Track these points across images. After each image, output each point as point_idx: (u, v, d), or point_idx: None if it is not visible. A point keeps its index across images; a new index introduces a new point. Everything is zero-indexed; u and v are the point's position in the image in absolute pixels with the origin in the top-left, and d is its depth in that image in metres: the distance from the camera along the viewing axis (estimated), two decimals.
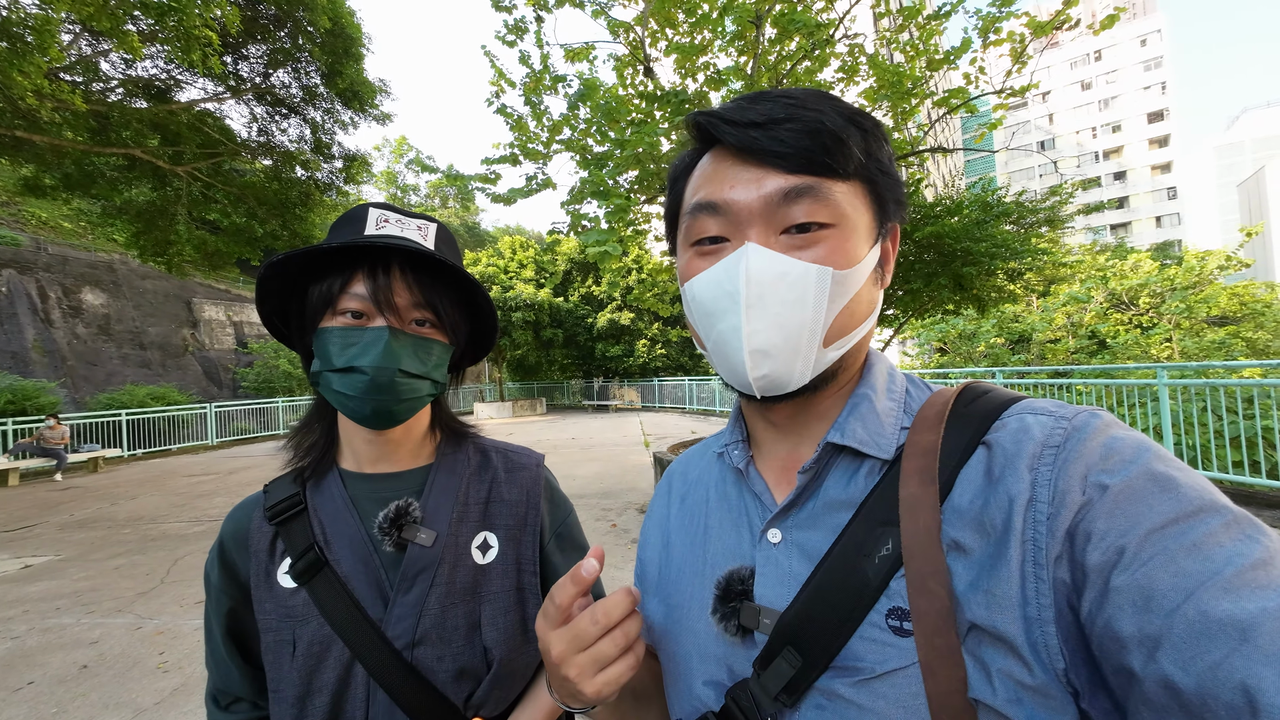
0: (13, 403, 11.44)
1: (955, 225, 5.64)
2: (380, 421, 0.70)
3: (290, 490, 0.74)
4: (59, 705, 2.65)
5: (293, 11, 9.02)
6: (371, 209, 0.71)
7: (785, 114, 0.42)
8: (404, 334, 0.68)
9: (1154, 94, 61.05)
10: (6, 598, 4.12)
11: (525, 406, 21.98)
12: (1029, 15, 5.30)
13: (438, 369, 0.73)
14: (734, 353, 0.44)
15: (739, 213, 0.44)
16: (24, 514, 7.14)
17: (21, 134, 7.98)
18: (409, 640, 0.68)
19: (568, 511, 0.88)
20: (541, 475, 0.85)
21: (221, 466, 10.68)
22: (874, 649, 0.40)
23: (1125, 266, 14.70)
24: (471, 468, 0.81)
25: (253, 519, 0.73)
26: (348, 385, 0.67)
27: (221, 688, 0.72)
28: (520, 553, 0.78)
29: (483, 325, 0.81)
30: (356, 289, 0.67)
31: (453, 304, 0.74)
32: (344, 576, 0.69)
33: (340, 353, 0.66)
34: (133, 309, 18.73)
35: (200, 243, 10.74)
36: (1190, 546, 0.31)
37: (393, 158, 44.92)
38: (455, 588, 0.72)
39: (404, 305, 0.68)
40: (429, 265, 0.71)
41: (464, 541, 0.75)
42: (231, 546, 0.73)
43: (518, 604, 0.75)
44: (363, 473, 0.76)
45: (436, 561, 0.71)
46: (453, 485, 0.77)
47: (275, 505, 0.72)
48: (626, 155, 4.72)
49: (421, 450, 0.80)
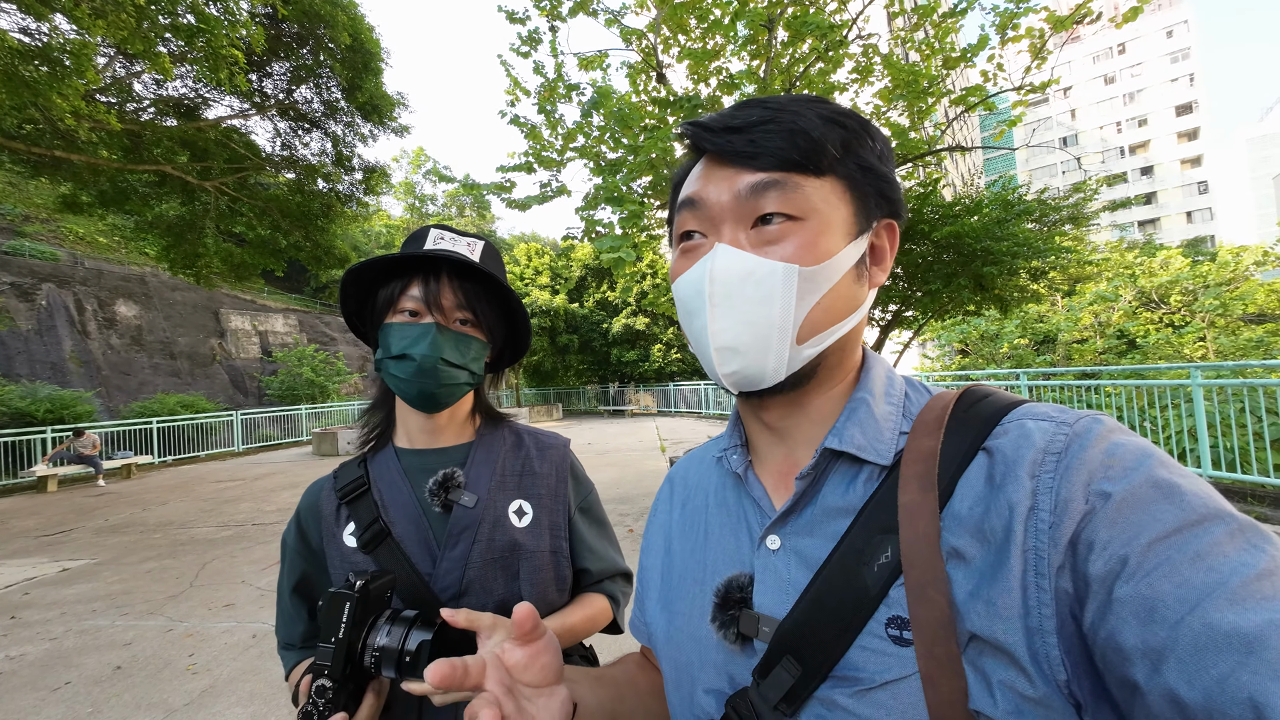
0: (51, 411, 11.90)
1: (975, 224, 5.53)
2: (426, 404, 0.83)
3: (356, 474, 0.87)
4: (94, 705, 2.74)
5: (314, 29, 9.29)
6: (432, 229, 0.85)
7: (763, 118, 0.44)
8: (448, 330, 0.82)
9: (1182, 86, 59.26)
10: (45, 600, 4.28)
11: (542, 412, 22.11)
12: (1048, 10, 5.20)
13: (475, 361, 0.86)
14: (705, 350, 0.46)
15: (712, 207, 0.46)
16: (61, 519, 7.41)
17: (60, 154, 8.35)
18: (455, 592, 0.79)
19: (590, 489, 1.00)
20: (569, 454, 0.98)
21: (247, 473, 10.94)
22: (873, 659, 0.39)
23: (1154, 264, 14.27)
24: (507, 445, 0.93)
25: (323, 492, 0.88)
26: (401, 370, 0.80)
27: (287, 640, 0.87)
28: (553, 520, 0.89)
29: (517, 329, 0.94)
30: (413, 292, 0.81)
31: (491, 308, 0.87)
32: (399, 538, 0.81)
33: (396, 343, 0.80)
34: (163, 320, 19.37)
35: (227, 255, 11.08)
36: (1194, 556, 0.30)
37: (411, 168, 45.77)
38: (495, 545, 0.82)
39: (449, 306, 0.82)
40: (473, 275, 0.84)
41: (501, 506, 0.86)
42: (306, 516, 0.87)
43: (552, 564, 0.86)
44: (415, 449, 0.89)
45: (478, 521, 0.83)
46: (491, 459, 0.90)
47: (344, 486, 0.85)
48: (640, 161, 4.74)
49: (464, 431, 0.93)
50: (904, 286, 6.53)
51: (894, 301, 6.83)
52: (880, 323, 7.19)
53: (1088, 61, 63.56)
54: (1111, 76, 62.51)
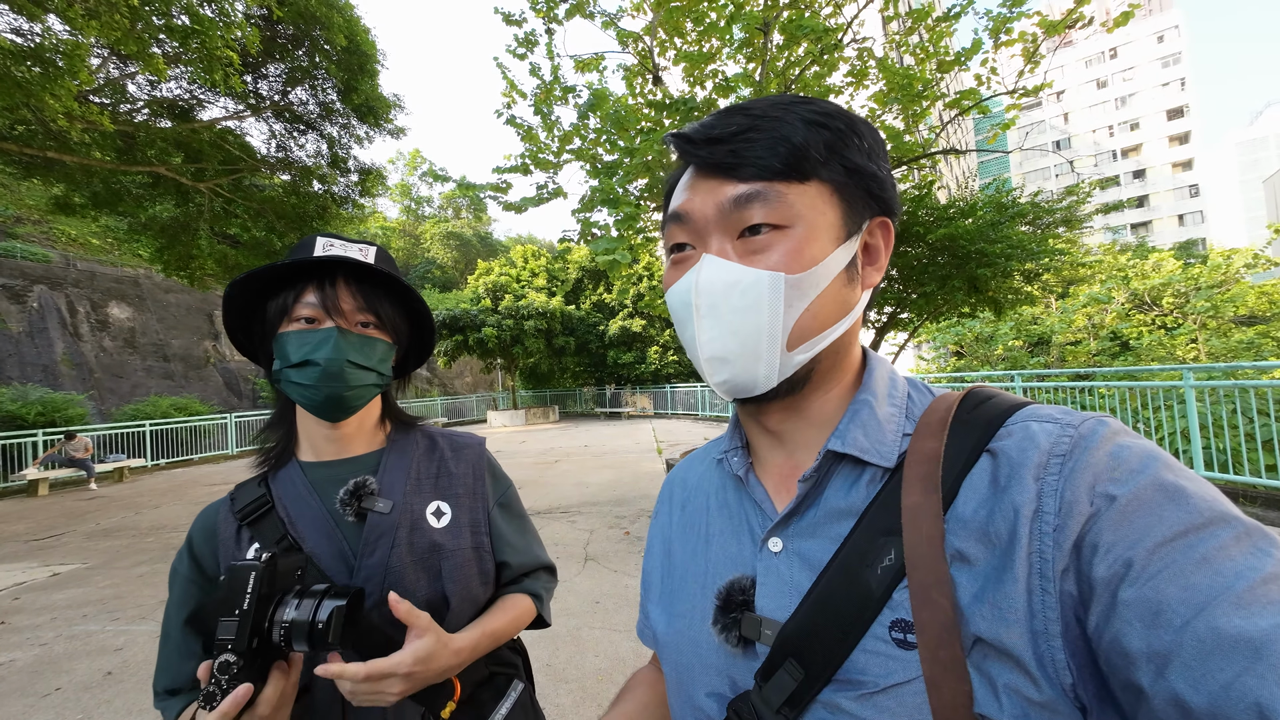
0: (43, 414, 11.77)
1: (969, 227, 5.57)
2: (334, 410, 0.80)
3: (257, 493, 0.83)
4: (85, 711, 2.71)
5: (310, 31, 9.25)
6: (319, 237, 0.81)
7: (746, 126, 0.43)
8: (351, 333, 0.80)
9: (1173, 90, 59.86)
10: (35, 605, 4.22)
11: (538, 414, 22.06)
12: (1041, 15, 5.24)
13: (382, 363, 0.84)
14: (697, 359, 0.47)
15: (698, 220, 0.46)
16: (52, 523, 7.33)
17: (53, 154, 8.28)
18: (378, 598, 0.75)
19: (508, 484, 1.01)
20: (484, 453, 0.98)
21: (240, 476, 10.76)
22: (877, 662, 0.39)
23: (1147, 266, 14.38)
24: (420, 449, 0.92)
25: (219, 515, 0.83)
26: (304, 376, 0.77)
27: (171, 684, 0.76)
28: (473, 518, 0.89)
29: (422, 330, 0.93)
30: (308, 299, 0.78)
31: (394, 310, 0.85)
32: (310, 552, 0.78)
33: (296, 350, 0.77)
34: (157, 322, 19.23)
35: (221, 256, 11.00)
36: (1200, 560, 0.30)
37: (406, 170, 45.72)
38: (415, 548, 0.82)
39: (349, 309, 0.80)
40: (370, 277, 0.82)
41: (419, 509, 0.85)
42: (200, 543, 0.81)
43: (474, 560, 0.87)
44: (321, 460, 0.86)
45: (395, 526, 0.81)
46: (404, 463, 0.88)
47: (244, 508, 0.81)
48: (636, 163, 4.75)
49: (374, 438, 0.91)
50: (899, 288, 6.56)
51: (889, 303, 6.87)
52: (875, 325, 7.22)
53: (1080, 65, 64.14)
54: (1104, 80, 63.09)
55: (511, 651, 0.96)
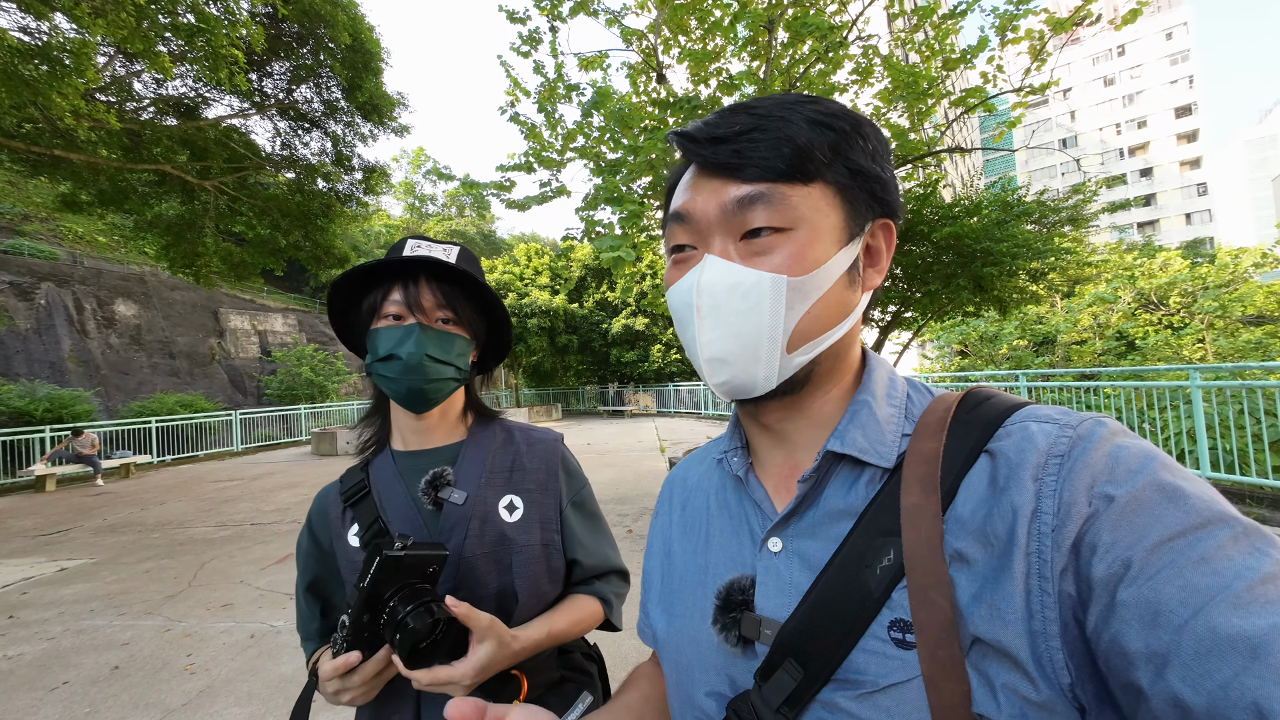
0: (50, 411, 11.88)
1: (974, 225, 5.54)
2: (416, 401, 0.86)
3: (358, 478, 0.91)
4: (92, 705, 2.73)
5: (314, 29, 9.28)
6: (409, 239, 0.88)
7: (749, 126, 0.43)
8: (431, 329, 0.85)
9: (1181, 88, 59.35)
10: (43, 600, 4.27)
11: (541, 412, 22.10)
12: (1048, 12, 5.20)
13: (460, 358, 0.89)
14: (696, 360, 0.47)
15: (700, 221, 0.46)
16: (59, 518, 7.39)
17: (60, 153, 8.33)
18: (450, 586, 0.81)
19: (583, 483, 1.02)
20: (559, 449, 1.00)
21: (245, 473, 10.92)
22: (876, 661, 0.39)
23: (1154, 265, 14.29)
24: (498, 442, 0.96)
25: (330, 496, 0.93)
26: (389, 370, 0.83)
27: (305, 635, 0.92)
28: (544, 514, 0.92)
29: (499, 327, 0.98)
30: (394, 297, 0.85)
31: (471, 308, 0.90)
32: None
33: (383, 345, 0.84)
34: (162, 319, 19.34)
35: (226, 254, 11.07)
36: (1198, 560, 0.30)
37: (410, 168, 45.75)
38: (485, 539, 0.85)
39: (430, 306, 0.85)
40: (451, 277, 0.88)
41: (491, 501, 0.89)
42: (317, 520, 0.93)
43: (543, 556, 0.89)
44: (409, 450, 0.93)
45: (468, 517, 0.86)
46: (481, 456, 0.92)
47: (348, 490, 0.90)
48: (640, 161, 4.74)
49: (456, 430, 0.96)
50: (903, 287, 6.54)
51: (893, 302, 6.84)
52: (879, 323, 7.19)
53: (1087, 63, 63.65)
54: (1111, 78, 62.60)
55: (586, 659, 0.96)
